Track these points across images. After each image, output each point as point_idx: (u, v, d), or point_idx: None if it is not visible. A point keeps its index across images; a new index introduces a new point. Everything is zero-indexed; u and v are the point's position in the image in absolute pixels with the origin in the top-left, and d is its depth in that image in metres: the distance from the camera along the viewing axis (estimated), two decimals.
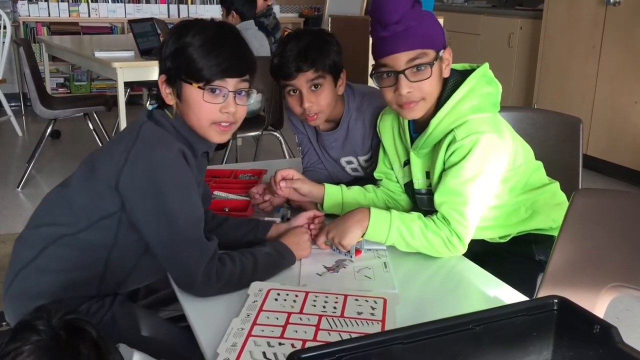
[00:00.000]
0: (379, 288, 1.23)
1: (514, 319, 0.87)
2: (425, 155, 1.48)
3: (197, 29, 1.25)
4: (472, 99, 1.38)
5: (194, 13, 6.43)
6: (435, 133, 1.40)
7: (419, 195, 1.53)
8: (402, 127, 1.52)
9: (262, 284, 1.22)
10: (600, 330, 0.82)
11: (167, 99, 1.28)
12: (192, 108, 1.26)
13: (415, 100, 1.38)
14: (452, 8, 5.58)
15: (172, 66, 1.25)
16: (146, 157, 1.20)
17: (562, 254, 1.20)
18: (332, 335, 1.05)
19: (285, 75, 1.64)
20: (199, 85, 1.24)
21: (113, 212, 1.24)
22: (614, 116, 3.95)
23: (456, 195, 1.36)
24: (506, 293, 1.23)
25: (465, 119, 1.37)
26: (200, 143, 1.31)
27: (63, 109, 3.85)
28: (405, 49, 1.34)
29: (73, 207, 1.27)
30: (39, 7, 5.91)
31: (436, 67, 1.37)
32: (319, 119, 1.69)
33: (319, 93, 1.64)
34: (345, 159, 1.82)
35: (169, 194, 1.18)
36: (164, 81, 1.27)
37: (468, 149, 1.35)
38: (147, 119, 1.28)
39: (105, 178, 1.22)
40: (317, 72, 1.62)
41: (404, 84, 1.36)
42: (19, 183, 3.82)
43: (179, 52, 1.24)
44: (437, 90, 1.41)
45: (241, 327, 1.06)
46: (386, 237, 1.36)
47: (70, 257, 1.27)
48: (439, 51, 1.38)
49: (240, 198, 1.70)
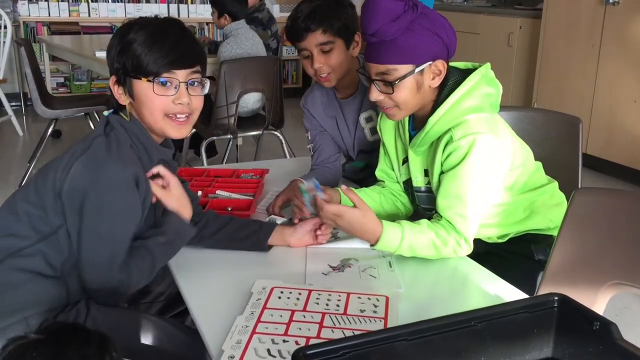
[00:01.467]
0: (384, 287, 1.24)
1: (515, 316, 0.88)
2: (423, 153, 1.49)
3: (139, 25, 1.27)
4: (471, 99, 1.39)
5: (193, 13, 6.44)
6: (432, 131, 1.41)
7: (418, 192, 1.54)
8: (402, 124, 1.53)
9: (266, 282, 1.24)
10: (600, 326, 0.84)
11: (120, 100, 1.29)
12: (144, 103, 1.26)
13: (388, 106, 1.42)
14: (452, 7, 5.58)
15: (120, 65, 1.26)
16: (91, 172, 1.19)
17: (562, 252, 1.22)
18: (336, 332, 1.07)
19: (296, 37, 1.70)
20: (147, 79, 1.24)
21: (60, 224, 1.22)
22: (613, 115, 3.96)
23: (458, 199, 1.37)
24: (508, 291, 1.24)
25: (463, 119, 1.38)
26: (156, 150, 1.31)
27: (64, 109, 3.87)
28: (375, 61, 1.37)
29: (27, 216, 1.24)
30: (39, 7, 5.91)
31: (410, 81, 1.37)
32: (331, 79, 1.74)
33: (329, 54, 1.69)
34: (365, 115, 1.85)
35: (96, 214, 1.19)
36: (115, 82, 1.28)
37: (465, 150, 1.35)
38: (104, 128, 1.28)
39: (51, 186, 1.22)
40: (326, 33, 1.67)
41: (373, 92, 1.41)
42: (20, 183, 3.83)
43: (124, 50, 1.24)
44: (415, 100, 1.40)
45: (245, 325, 1.08)
46: (395, 250, 1.36)
47: (29, 270, 1.23)
48: (418, 65, 1.36)
49: (243, 197, 1.71)
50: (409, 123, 1.51)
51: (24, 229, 1.24)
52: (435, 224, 1.39)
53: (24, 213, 1.24)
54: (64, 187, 1.20)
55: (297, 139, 4.57)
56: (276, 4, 6.86)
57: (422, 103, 1.43)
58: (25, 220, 1.24)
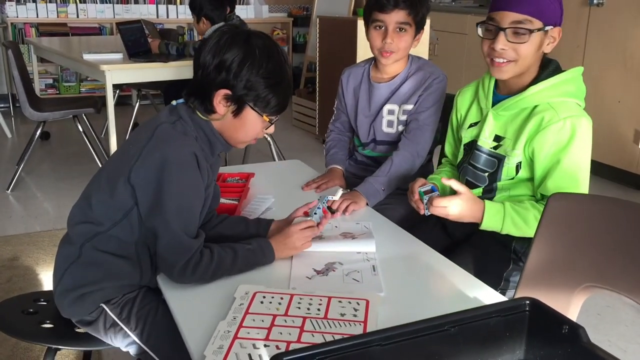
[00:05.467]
0: (366, 291, 1.26)
1: (488, 320, 0.91)
2: (503, 117, 1.56)
3: (262, 60, 1.31)
4: (573, 86, 1.49)
5: (182, 13, 6.44)
6: (529, 99, 1.50)
7: (477, 151, 1.62)
8: (486, 88, 1.62)
9: (249, 287, 1.26)
10: (569, 330, 0.87)
11: (218, 108, 1.33)
12: (246, 128, 1.37)
13: (507, 59, 1.49)
14: (440, 7, 5.62)
15: (243, 92, 1.32)
16: (158, 152, 1.27)
17: (538, 256, 1.25)
18: (316, 336, 1.09)
19: (382, 7, 1.86)
20: (269, 119, 1.37)
21: (131, 207, 1.31)
22: (597, 115, 3.99)
23: (573, 179, 1.45)
24: (486, 294, 1.26)
25: (564, 99, 1.47)
26: (220, 145, 1.39)
27: (52, 111, 3.87)
28: (515, 9, 1.44)
29: (100, 205, 1.35)
30: (27, 8, 5.90)
31: (537, 36, 1.47)
32: (392, 58, 1.92)
33: (402, 35, 1.88)
34: (389, 107, 2.02)
35: (168, 192, 1.26)
36: (225, 96, 1.32)
37: (570, 130, 1.44)
38: (169, 116, 1.35)
39: (121, 173, 1.30)
40: (409, 16, 1.85)
41: (500, 40, 1.47)
42: (9, 185, 3.83)
43: (253, 83, 1.31)
44: (531, 59, 1.50)
45: (227, 330, 1.10)
46: (500, 228, 1.49)
47: (107, 251, 1.35)
48: (547, 25, 1.46)
49: (229, 202, 1.73)
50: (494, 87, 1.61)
51: (99, 216, 1.34)
52: (539, 203, 1.49)
53: (97, 201, 1.35)
54: (132, 171, 1.28)
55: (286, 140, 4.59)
56: (265, 4, 6.87)
57: (530, 66, 1.51)
58: (99, 209, 1.34)
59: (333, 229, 1.59)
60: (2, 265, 2.86)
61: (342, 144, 2.18)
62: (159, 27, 5.23)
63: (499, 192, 1.60)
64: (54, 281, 1.41)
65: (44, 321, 1.49)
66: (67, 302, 1.37)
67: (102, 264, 1.35)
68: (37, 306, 1.57)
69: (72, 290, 1.36)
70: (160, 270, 1.32)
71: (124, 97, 5.88)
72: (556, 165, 1.47)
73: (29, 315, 1.52)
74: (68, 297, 1.37)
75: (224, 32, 1.33)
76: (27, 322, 1.50)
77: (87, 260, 1.36)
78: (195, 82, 1.34)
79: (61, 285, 1.38)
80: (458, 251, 1.60)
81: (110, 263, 1.35)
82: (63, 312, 1.40)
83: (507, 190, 1.59)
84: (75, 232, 1.38)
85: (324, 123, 4.87)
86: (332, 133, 2.20)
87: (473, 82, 1.73)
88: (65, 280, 1.37)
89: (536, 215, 1.47)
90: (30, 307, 1.55)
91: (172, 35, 5.00)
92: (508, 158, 1.54)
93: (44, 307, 1.57)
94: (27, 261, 2.90)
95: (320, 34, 4.82)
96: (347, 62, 4.29)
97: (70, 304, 1.37)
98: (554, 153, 1.47)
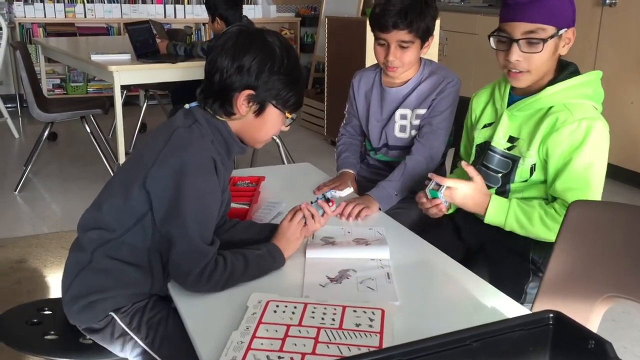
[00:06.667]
0: (381, 300, 1.23)
1: (511, 334, 0.88)
2: (518, 118, 1.54)
3: (282, 58, 1.31)
4: (590, 88, 1.47)
5: (190, 14, 6.43)
6: (545, 99, 1.48)
7: (491, 152, 1.60)
8: (502, 89, 1.60)
9: (262, 296, 1.23)
10: (595, 345, 0.84)
11: (240, 109, 1.32)
12: (268, 126, 1.37)
13: (522, 70, 1.47)
14: (449, 7, 5.58)
15: (265, 92, 1.32)
16: (175, 157, 1.25)
17: (558, 265, 1.22)
18: (331, 347, 1.06)
19: (381, 28, 1.84)
20: (291, 116, 1.38)
21: (144, 213, 1.29)
22: (610, 117, 3.95)
23: (583, 181, 1.42)
24: (504, 304, 1.23)
25: (580, 101, 1.45)
26: (237, 147, 1.38)
27: (60, 112, 3.85)
28: (524, 20, 1.42)
29: (112, 211, 1.33)
30: (35, 8, 5.90)
31: (551, 43, 1.44)
32: (398, 72, 1.91)
33: (405, 51, 1.86)
34: (401, 112, 2.00)
35: (186, 198, 1.24)
36: (247, 97, 1.31)
37: (584, 132, 1.42)
38: (184, 120, 1.33)
39: (136, 178, 1.28)
40: (410, 34, 1.82)
41: (514, 52, 1.45)
42: (17, 186, 3.83)
43: (274, 81, 1.32)
44: (547, 65, 1.48)
45: (240, 341, 1.07)
46: (503, 224, 1.49)
47: (118, 259, 1.32)
48: (560, 29, 1.43)
49: (240, 206, 1.71)
50: (510, 88, 1.59)
51: (110, 222, 1.32)
52: (550, 204, 1.48)
53: (109, 207, 1.33)
54: (148, 176, 1.27)
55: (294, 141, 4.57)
56: (273, 4, 6.85)
57: (546, 71, 1.50)
58: (111, 214, 1.33)
59: (346, 235, 1.57)
60: (10, 267, 2.84)
61: (353, 148, 2.15)
62: (167, 27, 5.22)
63: (512, 194, 1.57)
64: (62, 287, 1.39)
65: (48, 332, 1.46)
66: (75, 309, 1.35)
67: (113, 271, 1.33)
68: (41, 316, 1.54)
69: (82, 297, 1.34)
70: (173, 278, 1.29)
71: (131, 97, 5.86)
72: (566, 166, 1.44)
73: (32, 326, 1.50)
74: (77, 303, 1.35)
75: (237, 33, 1.31)
76: (31, 333, 1.47)
77: (98, 267, 1.33)
78: (212, 85, 1.32)
79: (70, 292, 1.36)
80: (473, 260, 1.57)
81: (121, 271, 1.33)
82: (71, 319, 1.38)
83: (520, 192, 1.56)
84: (87, 238, 1.36)
85: (332, 124, 4.84)
86: (343, 137, 2.18)
87: (490, 85, 1.71)
88: (74, 287, 1.35)
89: (542, 215, 1.45)
90: (35, 317, 1.52)
91: (180, 36, 4.98)
92: (523, 159, 1.52)
93: (48, 316, 1.54)
94: (35, 263, 2.89)
95: (328, 34, 4.79)
96: (356, 62, 4.27)
97: (79, 310, 1.34)
98: (566, 154, 1.45)
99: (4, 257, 2.94)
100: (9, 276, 2.75)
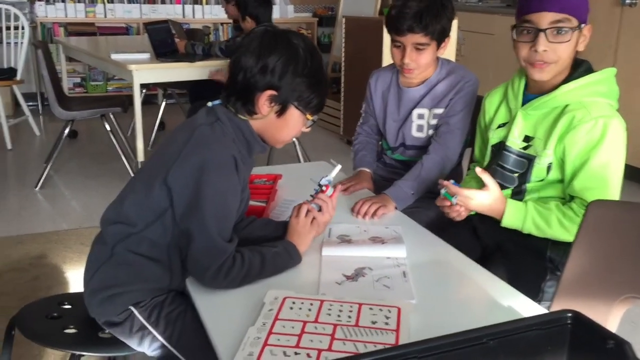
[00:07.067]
0: (397, 298, 1.23)
1: (528, 333, 0.88)
2: (533, 117, 1.54)
3: (306, 60, 1.32)
4: (605, 86, 1.47)
5: (208, 13, 6.46)
6: (560, 98, 1.47)
7: (506, 152, 1.59)
8: (516, 88, 1.59)
9: (278, 292, 1.24)
10: (615, 345, 0.83)
11: (262, 109, 1.33)
12: (289, 127, 1.38)
13: (548, 61, 1.46)
14: (466, 7, 5.55)
15: (288, 93, 1.33)
16: (197, 155, 1.27)
17: (576, 265, 1.21)
18: (347, 344, 1.07)
19: (397, 31, 1.84)
20: (312, 118, 1.38)
21: (165, 208, 1.31)
22: (630, 118, 3.91)
23: (601, 180, 1.42)
24: (521, 303, 1.23)
25: (596, 99, 1.45)
26: (258, 146, 1.39)
27: (80, 110, 3.90)
28: (553, 9, 1.42)
29: (134, 206, 1.35)
30: (56, 8, 5.97)
31: (576, 35, 1.45)
32: (414, 74, 1.92)
33: (421, 53, 1.86)
34: (419, 111, 1.99)
35: (206, 195, 1.25)
36: (270, 97, 1.32)
37: (601, 130, 1.41)
38: (206, 117, 1.35)
39: (158, 174, 1.30)
40: (426, 37, 1.82)
41: (541, 42, 1.44)
42: (37, 183, 3.88)
43: (297, 83, 1.32)
44: (569, 59, 1.48)
45: (257, 336, 1.08)
46: (521, 227, 1.49)
47: (139, 253, 1.34)
48: (581, 22, 1.44)
49: (257, 204, 1.72)
50: (524, 87, 1.59)
51: (132, 217, 1.34)
52: (567, 205, 1.47)
53: (131, 202, 1.35)
54: (169, 173, 1.28)
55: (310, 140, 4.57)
56: (290, 4, 6.86)
57: (568, 64, 1.49)
58: (132, 209, 1.34)
59: (362, 233, 1.57)
60: (30, 263, 2.89)
61: (370, 147, 2.15)
62: (185, 27, 5.26)
63: (528, 193, 1.56)
64: (84, 280, 1.41)
65: (68, 326, 1.48)
66: (95, 302, 1.37)
67: (133, 265, 1.34)
68: (61, 310, 1.56)
69: (102, 291, 1.36)
70: (191, 273, 1.31)
71: (150, 96, 5.92)
72: (584, 165, 1.44)
73: (52, 320, 1.52)
74: (97, 297, 1.37)
75: (262, 33, 1.32)
76: (51, 327, 1.49)
77: (119, 261, 1.35)
78: (236, 84, 1.33)
79: (91, 285, 1.38)
80: (490, 259, 1.57)
81: (142, 265, 1.34)
82: (91, 312, 1.40)
83: (537, 191, 1.55)
84: (109, 233, 1.38)
85: (348, 123, 4.84)
86: (360, 136, 2.18)
87: (502, 85, 1.70)
88: (95, 280, 1.37)
89: (560, 218, 1.45)
90: (55, 311, 1.54)
91: (198, 36, 5.02)
92: (539, 158, 1.52)
93: (68, 311, 1.56)
94: (55, 259, 2.93)
95: (346, 34, 4.79)
96: (373, 62, 4.27)
97: (99, 304, 1.36)
98: (583, 152, 1.44)
99: (24, 253, 2.99)
100: (29, 272, 2.79)
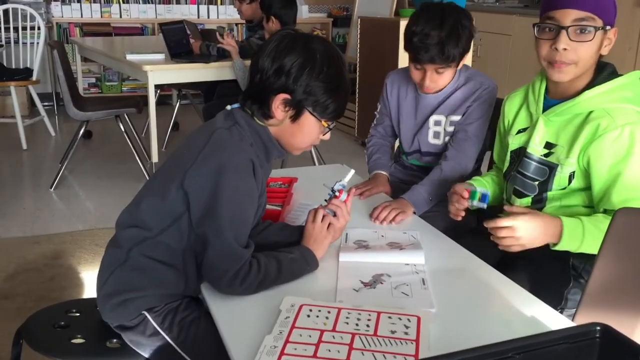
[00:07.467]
0: (416, 306, 1.21)
1: (555, 347, 0.84)
2: (555, 123, 1.49)
3: (323, 64, 1.29)
4: (630, 91, 1.42)
5: (223, 14, 6.46)
6: (584, 104, 1.43)
7: (527, 159, 1.55)
8: (537, 92, 1.55)
9: (295, 299, 1.22)
10: None
11: (276, 113, 1.31)
12: (304, 133, 1.35)
13: (568, 61, 1.42)
14: (483, 8, 5.50)
15: (302, 97, 1.30)
16: (214, 158, 1.26)
17: (602, 274, 1.17)
18: (366, 355, 1.04)
19: (416, 58, 1.83)
20: (328, 125, 1.35)
21: (181, 213, 1.29)
22: None
23: (637, 191, 1.37)
24: (544, 313, 1.20)
25: (621, 105, 1.40)
26: (276, 151, 1.38)
27: (95, 111, 3.91)
28: (577, 7, 1.38)
29: (150, 210, 1.33)
30: (72, 8, 6.00)
31: (599, 35, 1.40)
32: (432, 90, 1.92)
33: (441, 75, 1.86)
34: (436, 118, 1.97)
35: (223, 199, 1.23)
36: (283, 100, 1.30)
37: (629, 138, 1.36)
38: (224, 121, 1.33)
39: (175, 178, 1.28)
40: (445, 63, 1.81)
41: (563, 40, 1.40)
42: (52, 183, 3.89)
43: (312, 87, 1.29)
44: (591, 61, 1.44)
45: (274, 345, 1.06)
46: (579, 247, 1.36)
47: (154, 258, 1.32)
48: (606, 24, 1.40)
49: (273, 207, 1.69)
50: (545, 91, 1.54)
51: (147, 220, 1.32)
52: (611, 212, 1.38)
53: (147, 205, 1.33)
54: (186, 177, 1.26)
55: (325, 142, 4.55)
56: (305, 4, 6.85)
57: (589, 68, 1.45)
58: (148, 213, 1.33)
59: (379, 239, 1.54)
60: (45, 263, 2.89)
61: (384, 149, 2.12)
62: (200, 28, 5.25)
63: (550, 202, 1.52)
64: (98, 283, 1.39)
65: (75, 336, 1.45)
66: (109, 307, 1.36)
67: (148, 270, 1.33)
68: (68, 319, 1.52)
69: (115, 295, 1.34)
70: (206, 279, 1.29)
71: (164, 97, 5.92)
72: (617, 178, 1.38)
73: (59, 329, 1.48)
74: (110, 301, 1.35)
75: (281, 36, 1.30)
76: (58, 337, 1.46)
77: (134, 265, 1.33)
78: (253, 86, 1.32)
79: (105, 289, 1.36)
80: (511, 266, 1.53)
81: (156, 270, 1.32)
82: (104, 316, 1.38)
83: (558, 200, 1.51)
84: (124, 236, 1.36)
85: (363, 125, 4.81)
86: (374, 138, 2.15)
87: (522, 87, 1.66)
88: (109, 284, 1.36)
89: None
90: (62, 320, 1.51)
91: (213, 36, 5.01)
92: (561, 167, 1.47)
93: (75, 319, 1.53)
94: (69, 260, 2.93)
95: (361, 34, 4.77)
96: (388, 63, 4.23)
97: (112, 308, 1.35)
98: (613, 165, 1.39)
99: (39, 253, 2.99)
100: (44, 272, 2.80)
